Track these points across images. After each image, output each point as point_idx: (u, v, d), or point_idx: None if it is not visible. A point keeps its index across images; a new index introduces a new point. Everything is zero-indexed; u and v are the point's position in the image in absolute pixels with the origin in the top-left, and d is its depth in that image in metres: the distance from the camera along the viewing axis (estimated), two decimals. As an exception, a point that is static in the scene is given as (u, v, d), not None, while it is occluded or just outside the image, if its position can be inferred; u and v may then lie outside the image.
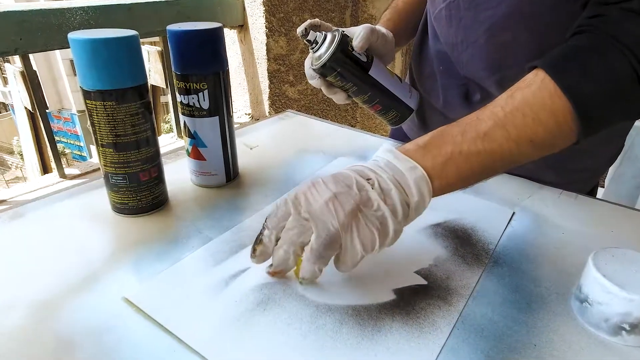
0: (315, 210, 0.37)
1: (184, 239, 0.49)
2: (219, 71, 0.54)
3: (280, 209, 0.39)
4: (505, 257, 0.47)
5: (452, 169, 0.39)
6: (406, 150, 0.40)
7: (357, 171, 0.39)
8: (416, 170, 0.39)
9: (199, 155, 0.57)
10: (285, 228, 0.38)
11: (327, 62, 0.55)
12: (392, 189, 0.38)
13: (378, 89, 0.59)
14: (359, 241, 0.37)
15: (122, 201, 0.52)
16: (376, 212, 0.37)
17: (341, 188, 0.38)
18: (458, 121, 0.41)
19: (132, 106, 0.47)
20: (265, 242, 0.40)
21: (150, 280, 0.42)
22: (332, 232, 0.37)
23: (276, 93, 1.47)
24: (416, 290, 0.42)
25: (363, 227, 0.37)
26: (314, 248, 0.37)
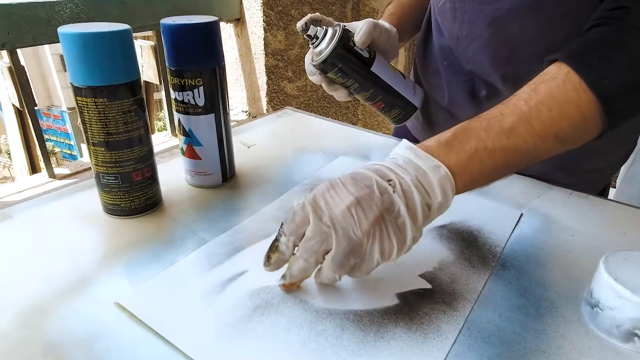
0: (337, 216, 0.36)
1: (178, 241, 0.49)
2: (215, 67, 0.54)
3: (297, 214, 0.38)
4: (513, 260, 0.47)
5: (476, 166, 0.39)
6: (427, 147, 0.40)
7: (376, 171, 0.39)
8: (440, 169, 0.38)
9: (194, 154, 0.57)
10: (305, 237, 0.37)
11: (327, 57, 0.55)
12: (413, 191, 0.37)
13: (381, 86, 0.59)
14: (378, 249, 0.37)
15: (114, 202, 0.52)
16: (397, 219, 0.37)
17: (362, 191, 0.37)
18: (479, 116, 0.41)
19: (124, 103, 0.47)
20: (282, 250, 0.39)
21: (143, 285, 0.42)
22: (355, 240, 0.36)
23: (274, 90, 1.47)
24: (420, 294, 0.42)
25: (384, 235, 0.37)
26: (335, 257, 0.37)
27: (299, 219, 0.38)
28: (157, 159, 0.58)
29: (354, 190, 0.37)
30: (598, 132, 0.41)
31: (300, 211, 0.38)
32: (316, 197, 0.38)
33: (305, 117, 0.85)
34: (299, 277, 0.39)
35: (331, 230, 0.36)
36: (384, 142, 0.74)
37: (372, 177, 0.38)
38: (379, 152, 0.71)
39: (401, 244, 0.37)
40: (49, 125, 11.11)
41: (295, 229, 0.38)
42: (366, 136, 0.77)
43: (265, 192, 0.59)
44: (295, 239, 0.38)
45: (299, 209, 0.38)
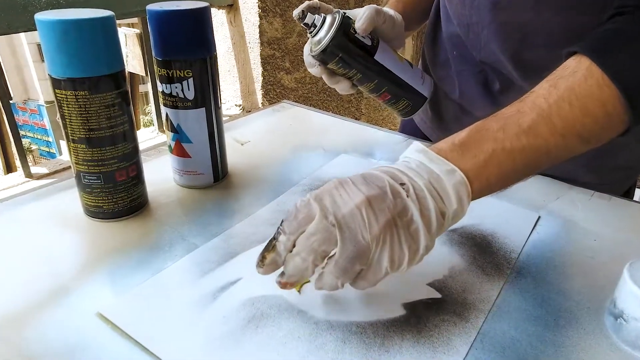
0: (345, 215, 0.36)
1: (166, 246, 0.49)
2: (206, 57, 0.54)
3: (301, 211, 0.37)
4: (530, 267, 0.47)
5: (494, 170, 0.39)
6: (440, 149, 0.39)
7: (388, 173, 0.38)
8: (455, 174, 0.38)
9: (183, 152, 0.57)
10: (306, 232, 0.36)
11: (327, 47, 0.55)
12: (427, 197, 0.37)
13: (386, 75, 0.59)
14: (388, 257, 0.36)
15: (96, 204, 0.52)
16: (410, 225, 0.36)
17: (374, 191, 0.36)
18: (495, 115, 0.41)
19: (107, 96, 0.47)
20: (279, 250, 0.38)
21: (128, 294, 0.42)
22: (362, 245, 0.35)
23: (270, 82, 1.47)
24: (429, 304, 0.42)
25: (395, 242, 0.36)
26: (339, 261, 0.36)
27: (301, 217, 0.37)
28: (143, 157, 0.58)
29: (365, 189, 0.37)
30: (623, 128, 0.41)
31: (304, 208, 0.37)
32: (322, 193, 0.37)
33: (304, 111, 0.85)
34: (296, 278, 0.38)
35: (336, 230, 0.35)
36: (390, 139, 0.74)
37: (384, 178, 0.38)
38: (384, 149, 0.71)
39: (413, 253, 0.37)
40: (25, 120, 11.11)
41: (296, 228, 0.37)
42: (370, 132, 0.77)
43: (260, 194, 0.59)
44: (295, 238, 0.37)
45: (302, 206, 0.37)
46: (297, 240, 0.37)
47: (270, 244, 0.39)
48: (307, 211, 0.37)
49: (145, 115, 5.72)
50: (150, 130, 1.39)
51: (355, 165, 0.65)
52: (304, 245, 0.37)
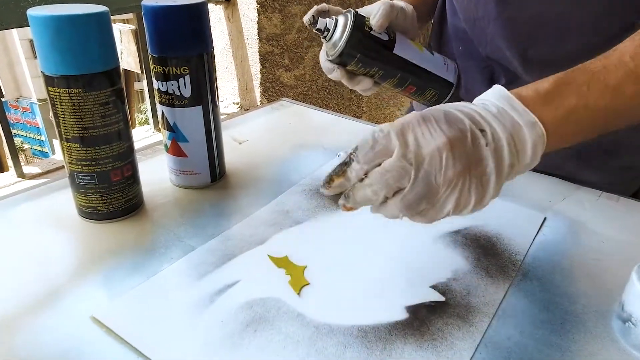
0: (424, 156, 0.36)
1: (162, 248, 0.49)
2: (203, 53, 0.54)
3: (379, 142, 0.37)
4: (536, 269, 0.47)
5: (572, 126, 0.39)
6: (524, 97, 0.39)
7: (469, 116, 0.38)
8: (536, 127, 0.38)
9: (179, 152, 0.57)
10: (382, 168, 0.37)
11: (344, 48, 0.54)
12: (504, 148, 0.37)
13: (408, 67, 0.58)
14: (454, 201, 0.37)
15: (90, 205, 0.52)
16: (482, 175, 0.37)
17: (456, 133, 0.36)
18: (581, 67, 0.41)
19: (101, 94, 0.47)
20: (349, 177, 0.38)
21: (123, 297, 0.42)
22: (433, 187, 0.36)
23: (269, 79, 1.47)
24: (432, 307, 0.42)
25: (465, 188, 0.37)
26: (407, 198, 0.37)
27: (379, 148, 0.37)
28: (139, 156, 0.58)
29: (448, 131, 0.36)
30: None
31: (383, 139, 0.37)
32: (405, 129, 0.37)
33: (304, 109, 0.85)
34: (362, 205, 0.39)
35: (412, 169, 0.36)
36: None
37: (465, 121, 0.37)
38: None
39: (478, 202, 0.37)
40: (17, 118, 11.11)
41: (372, 158, 0.37)
42: (372, 131, 0.77)
43: (258, 194, 0.59)
44: (368, 168, 0.37)
45: (381, 137, 0.37)
46: (371, 172, 0.37)
47: (340, 169, 0.38)
48: (386, 144, 0.37)
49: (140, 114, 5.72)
50: (145, 129, 1.39)
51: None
52: (378, 180, 0.37)
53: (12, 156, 1.11)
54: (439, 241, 0.50)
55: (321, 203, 0.56)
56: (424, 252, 0.49)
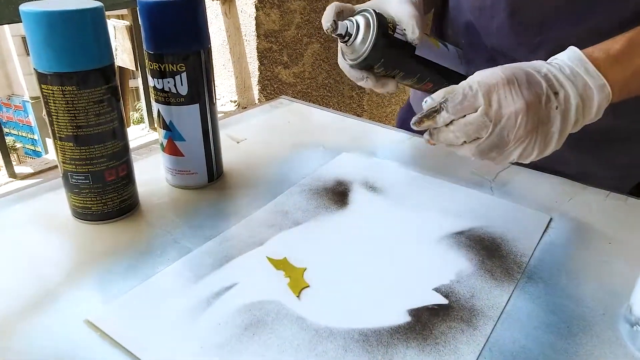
0: (502, 117, 0.43)
1: (157, 250, 0.49)
2: (200, 50, 0.54)
3: (467, 98, 0.44)
4: (541, 271, 0.47)
5: (634, 85, 0.45)
6: (595, 59, 0.45)
7: (546, 79, 0.44)
8: (604, 89, 0.44)
9: (175, 151, 0.57)
10: (465, 120, 0.44)
11: (368, 54, 0.53)
12: (572, 110, 0.44)
13: (428, 67, 0.58)
14: (519, 152, 0.45)
15: (84, 205, 0.52)
16: (547, 133, 0.44)
17: (534, 99, 0.43)
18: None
19: (96, 92, 0.47)
20: (437, 122, 0.46)
21: (118, 300, 0.42)
22: (505, 141, 0.44)
23: (267, 76, 1.47)
24: (435, 310, 0.42)
25: (531, 143, 0.44)
26: (482, 147, 0.45)
27: (466, 104, 0.44)
28: (134, 155, 0.58)
29: (527, 95, 0.43)
30: None
31: (472, 97, 0.44)
32: (491, 89, 0.43)
33: (303, 107, 0.85)
34: (443, 143, 0.47)
35: (490, 125, 0.44)
36: (393, 136, 0.74)
37: (543, 85, 0.44)
38: (387, 147, 0.71)
39: (539, 154, 0.45)
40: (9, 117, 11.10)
41: (459, 110, 0.44)
42: (373, 130, 0.77)
43: (257, 194, 0.59)
44: (455, 117, 0.45)
45: (469, 94, 0.44)
46: (456, 121, 0.45)
47: (430, 114, 0.46)
48: (473, 102, 0.44)
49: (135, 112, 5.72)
50: (141, 128, 1.39)
51: (357, 165, 0.65)
52: (461, 129, 0.45)
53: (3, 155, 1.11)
54: (442, 243, 0.50)
55: (321, 203, 0.56)
56: (426, 254, 0.49)
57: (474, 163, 0.65)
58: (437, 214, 0.55)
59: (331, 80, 1.69)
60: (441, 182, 0.62)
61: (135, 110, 5.74)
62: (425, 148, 0.70)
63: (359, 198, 0.58)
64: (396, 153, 0.69)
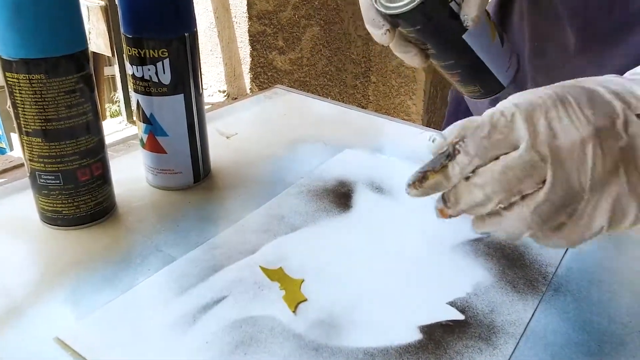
0: (563, 149, 0.32)
1: (137, 259, 0.49)
2: (184, 34, 0.54)
3: (499, 129, 0.32)
4: (569, 283, 0.47)
5: None
6: None
7: (620, 97, 0.33)
8: None
9: (157, 147, 0.57)
10: (503, 163, 0.32)
11: (414, 9, 0.46)
12: None
13: (466, 57, 0.53)
14: (606, 212, 0.32)
15: (54, 209, 0.52)
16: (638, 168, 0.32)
17: (603, 121, 0.32)
18: None
19: (67, 80, 0.47)
20: (451, 173, 0.34)
21: (93, 315, 0.42)
22: (575, 191, 0.32)
23: (260, 63, 1.47)
24: (450, 327, 0.42)
25: (622, 192, 0.32)
26: (541, 208, 0.32)
27: (498, 137, 0.32)
28: (110, 152, 0.58)
29: (592, 117, 0.32)
30: None
31: (504, 126, 0.32)
32: (535, 111, 0.32)
33: (301, 98, 0.85)
34: (466, 212, 0.35)
35: (546, 167, 0.32)
36: (403, 131, 0.74)
37: (613, 104, 0.33)
38: (396, 143, 0.71)
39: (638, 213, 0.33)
40: (-31, 109, 11.10)
41: (487, 149, 0.33)
42: (379, 123, 0.77)
43: (249, 196, 0.59)
44: (481, 162, 0.33)
45: (502, 122, 0.32)
46: (483, 169, 0.33)
47: (439, 163, 0.34)
48: (508, 132, 0.32)
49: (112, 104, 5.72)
50: (118, 121, 1.39)
51: (362, 162, 0.65)
52: (494, 179, 0.32)
53: (-37, 153, 1.11)
54: (457, 250, 0.50)
55: (321, 206, 0.56)
56: (440, 264, 0.49)
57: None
58: (452, 218, 0.55)
59: (332, 67, 1.69)
60: (456, 182, 0.62)
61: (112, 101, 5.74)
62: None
63: (364, 200, 0.58)
64: (406, 149, 0.69)
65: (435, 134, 0.34)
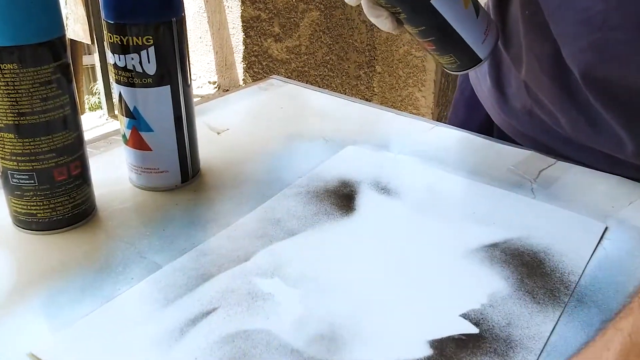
0: None
1: (119, 266, 0.49)
2: (171, 19, 0.54)
3: None
4: (594, 293, 0.47)
5: None
6: None
7: None
8: None
9: (141, 144, 0.57)
10: None
11: None
12: None
13: (437, 24, 0.57)
14: None
15: (28, 211, 0.52)
16: None
17: None
18: None
19: (42, 71, 0.47)
20: None
21: (70, 328, 0.42)
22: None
23: (254, 52, 1.47)
24: (463, 342, 0.42)
25: None
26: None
27: None
28: (90, 149, 0.58)
29: None
30: None
31: None
32: None
33: (299, 90, 0.86)
34: None
35: None
36: (411, 126, 0.74)
37: None
38: (403, 139, 0.71)
39: None
40: None
41: None
42: (386, 117, 0.77)
43: (242, 197, 0.59)
44: None
45: None
46: None
47: None
48: None
49: (91, 96, 5.72)
50: (98, 115, 1.39)
51: (367, 159, 0.65)
52: None
53: None
54: (471, 257, 0.50)
55: (321, 209, 0.56)
56: (452, 272, 0.49)
57: (511, 158, 0.65)
58: (466, 222, 0.55)
59: (333, 56, 1.70)
60: (470, 182, 0.62)
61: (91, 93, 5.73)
62: (452, 140, 0.70)
63: (368, 202, 0.58)
64: (415, 146, 0.69)
65: None
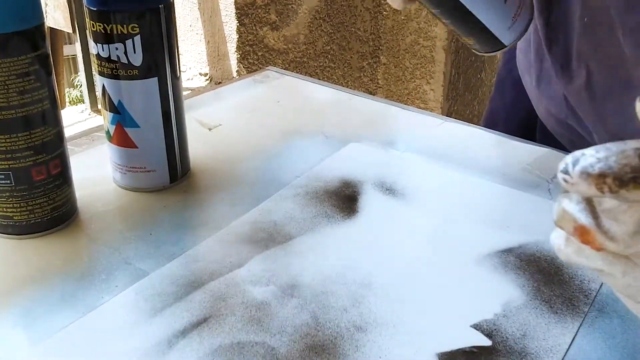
0: None
1: (102, 273, 0.49)
2: (159, 6, 0.54)
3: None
4: (616, 302, 0.47)
5: None
6: None
7: None
8: None
9: (126, 141, 0.57)
10: None
11: None
12: None
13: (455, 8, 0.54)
14: None
15: (4, 213, 0.52)
16: None
17: None
18: None
19: (19, 62, 0.47)
20: None
21: (50, 340, 0.42)
22: None
23: (249, 41, 1.47)
24: (474, 355, 0.42)
25: None
26: None
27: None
28: (71, 147, 0.58)
29: None
30: None
31: None
32: None
33: (298, 82, 0.86)
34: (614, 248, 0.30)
35: None
36: (418, 121, 0.74)
37: None
38: (410, 135, 0.71)
39: None
40: None
41: None
42: (391, 112, 0.77)
43: (235, 199, 0.59)
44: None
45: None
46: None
47: None
48: None
49: (72, 89, 5.72)
50: (79, 110, 1.40)
51: (370, 157, 0.65)
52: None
53: None
54: (483, 263, 0.50)
55: (321, 211, 0.56)
56: (463, 280, 0.49)
57: (526, 156, 0.65)
58: (478, 225, 0.55)
59: (334, 45, 1.69)
60: (482, 182, 0.62)
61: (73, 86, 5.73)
62: (462, 136, 0.70)
63: (372, 204, 0.58)
64: (422, 143, 0.69)
65: None
